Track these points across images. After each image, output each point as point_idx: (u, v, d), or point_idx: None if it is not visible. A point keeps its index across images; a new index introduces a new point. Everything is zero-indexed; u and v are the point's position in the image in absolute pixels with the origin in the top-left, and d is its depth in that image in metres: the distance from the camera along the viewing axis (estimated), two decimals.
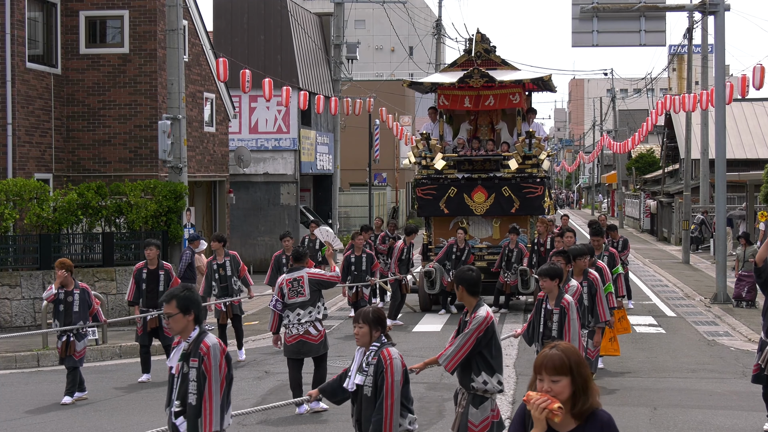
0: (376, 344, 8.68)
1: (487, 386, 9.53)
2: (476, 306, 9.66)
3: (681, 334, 22.33)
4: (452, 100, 26.48)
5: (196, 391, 7.92)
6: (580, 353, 5.59)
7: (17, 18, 24.60)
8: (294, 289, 14.35)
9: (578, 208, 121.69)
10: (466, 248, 24.98)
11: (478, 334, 9.49)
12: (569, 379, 5.45)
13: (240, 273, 19.20)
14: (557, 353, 5.52)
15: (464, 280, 9.62)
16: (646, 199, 61.87)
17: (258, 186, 36.70)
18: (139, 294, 17.42)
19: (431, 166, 26.07)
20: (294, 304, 14.30)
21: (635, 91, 71.41)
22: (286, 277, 14.53)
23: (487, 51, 26.67)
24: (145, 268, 17.50)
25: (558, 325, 11.56)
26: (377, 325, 8.71)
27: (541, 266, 11.76)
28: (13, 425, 14.23)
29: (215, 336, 8.15)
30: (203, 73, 30.34)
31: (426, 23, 67.63)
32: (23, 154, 24.83)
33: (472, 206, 25.97)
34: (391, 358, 8.56)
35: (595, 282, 14.54)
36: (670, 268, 37.13)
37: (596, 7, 26.99)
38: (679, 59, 57.91)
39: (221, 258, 19.09)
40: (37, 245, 23.13)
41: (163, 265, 17.57)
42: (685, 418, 14.14)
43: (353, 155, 54.87)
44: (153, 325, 17.31)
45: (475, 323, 9.50)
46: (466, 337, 9.50)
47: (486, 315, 9.57)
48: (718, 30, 26.89)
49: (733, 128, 48.68)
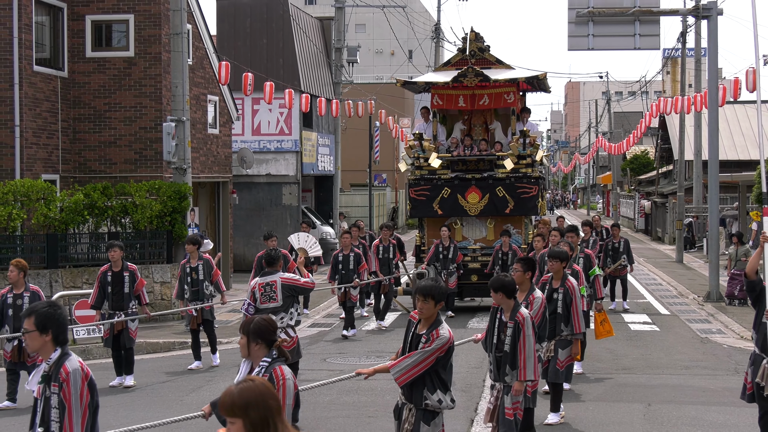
0: (266, 360, 7.69)
1: (442, 404, 9.19)
2: (436, 322, 9.19)
3: (675, 331, 22.58)
4: (446, 100, 26.01)
5: (59, 419, 7.13)
6: (263, 390, 5.11)
7: (24, 22, 24.83)
8: (266, 294, 13.85)
9: (574, 208, 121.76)
10: (451, 246, 24.42)
11: (440, 353, 9.09)
12: (242, 421, 5.03)
13: (213, 278, 18.50)
14: (229, 395, 5.09)
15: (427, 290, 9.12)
16: (641, 199, 62.12)
17: (260, 187, 36.96)
18: (103, 297, 16.94)
19: (425, 166, 25.53)
20: (266, 309, 13.65)
21: (630, 93, 71.85)
22: (259, 281, 14.00)
23: (481, 50, 26.27)
24: (109, 270, 17.01)
25: (511, 340, 10.72)
26: (256, 337, 7.70)
27: (494, 277, 10.97)
28: (21, 421, 13.95)
29: (78, 359, 7.27)
30: (207, 76, 30.60)
31: (425, 27, 67.90)
32: (30, 156, 25.09)
33: (466, 207, 25.45)
34: (284, 379, 7.58)
35: (571, 290, 13.75)
36: (664, 267, 37.46)
37: (592, 11, 27.26)
38: (673, 62, 58.34)
39: (194, 261, 18.43)
40: (44, 245, 23.46)
41: (128, 266, 17.06)
42: (678, 413, 14.26)
43: (354, 156, 55.18)
44: (119, 328, 16.87)
45: (438, 343, 9.04)
46: (426, 354, 9.05)
47: (449, 336, 9.12)
48: (711, 34, 27.18)
49: (725, 130, 48.98)
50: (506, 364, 10.77)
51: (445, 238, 24.38)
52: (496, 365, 10.88)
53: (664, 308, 26.58)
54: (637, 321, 24.02)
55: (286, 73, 36.65)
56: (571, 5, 27.57)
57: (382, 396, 15.18)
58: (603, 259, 25.24)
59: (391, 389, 14.32)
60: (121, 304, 16.88)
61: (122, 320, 16.82)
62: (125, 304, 16.93)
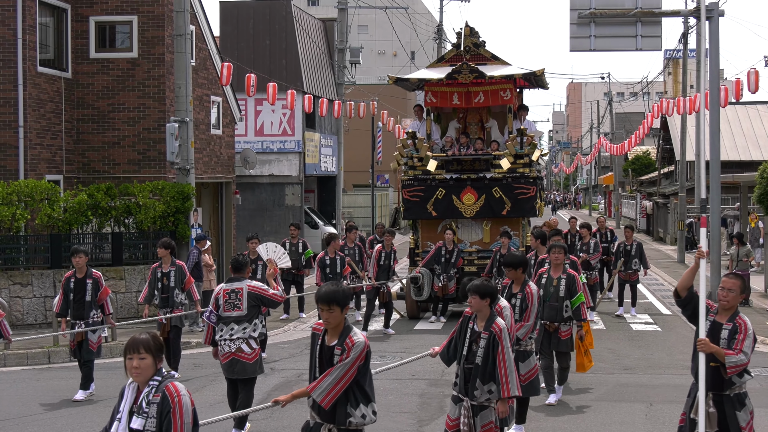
0: (157, 378, 7.03)
1: (366, 419, 8.40)
2: (346, 329, 8.38)
3: (676, 331, 22.65)
4: (440, 97, 24.81)
5: None
6: None
7: (28, 23, 24.95)
8: (230, 302, 12.91)
9: (576, 208, 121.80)
10: (455, 250, 23.68)
11: (360, 362, 8.28)
12: None
13: (185, 285, 17.42)
14: None
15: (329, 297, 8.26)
16: (642, 200, 62.18)
17: (263, 187, 37.06)
18: (66, 305, 16.08)
19: (418, 166, 24.53)
20: (228, 318, 12.89)
21: (632, 94, 72.07)
22: (224, 287, 13.05)
23: (476, 45, 25.13)
24: (73, 276, 16.11)
25: (484, 352, 10.02)
26: (159, 353, 7.10)
27: (473, 281, 10.31)
28: (24, 421, 14.35)
29: None
30: (210, 77, 30.69)
31: (427, 28, 67.98)
32: (34, 156, 25.21)
33: (461, 208, 24.36)
34: (179, 396, 6.97)
35: (528, 297, 12.73)
36: (665, 267, 37.56)
37: (593, 12, 27.29)
38: (674, 63, 58.44)
39: (167, 267, 17.36)
40: (48, 245, 23.54)
41: (92, 273, 16.14)
42: (680, 413, 14.29)
43: (356, 157, 55.32)
44: (79, 338, 15.96)
45: (355, 351, 8.21)
46: (346, 367, 8.22)
47: (364, 340, 8.31)
48: (713, 35, 27.20)
49: (727, 131, 49.03)
50: (476, 378, 10.07)
51: (449, 241, 23.60)
52: (464, 378, 10.17)
53: (665, 308, 26.67)
54: (638, 321, 24.09)
55: (288, 74, 36.76)
56: (572, 6, 27.58)
57: (385, 396, 15.26)
58: (614, 261, 25.28)
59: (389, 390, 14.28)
60: (81, 312, 15.98)
61: (83, 331, 15.88)
62: (86, 313, 16.00)
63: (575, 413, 14.26)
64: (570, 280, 14.60)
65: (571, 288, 14.54)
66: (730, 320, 9.67)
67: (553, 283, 14.65)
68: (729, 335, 9.57)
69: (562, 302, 14.59)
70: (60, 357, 19.63)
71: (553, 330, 14.66)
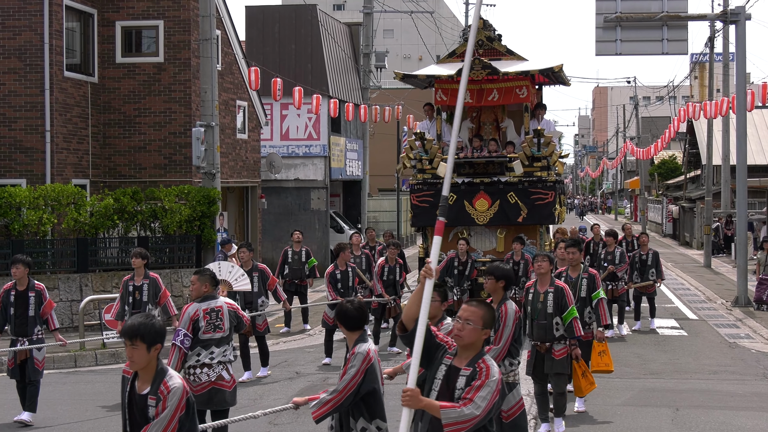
0: None
1: None
2: (161, 373, 6.99)
3: (703, 336, 22.52)
4: (451, 95, 22.58)
5: None
6: None
7: (55, 28, 25.10)
8: (211, 323, 11.39)
9: (602, 213, 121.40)
10: (468, 261, 21.39)
11: (181, 412, 6.98)
12: None
13: (159, 300, 16.03)
14: None
15: (133, 331, 6.89)
16: (669, 204, 61.97)
17: (289, 191, 37.08)
18: (5, 320, 14.59)
19: (427, 169, 22.69)
20: (210, 340, 11.40)
21: (658, 98, 71.68)
22: (202, 306, 11.41)
23: (490, 39, 23.00)
24: (13, 289, 14.56)
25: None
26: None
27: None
28: (51, 423, 14.40)
29: None
30: (236, 81, 30.77)
31: (453, 32, 68.03)
32: (61, 161, 25.34)
33: (473, 215, 22.38)
34: None
35: (502, 316, 10.84)
36: (692, 272, 37.39)
37: (619, 16, 27.27)
38: (700, 67, 58.15)
39: (139, 279, 15.86)
40: (74, 249, 23.62)
41: (35, 285, 14.61)
42: (707, 418, 14.20)
43: (382, 161, 55.29)
44: (22, 357, 14.56)
45: (172, 400, 6.91)
46: (164, 423, 6.94)
47: (182, 384, 6.98)
48: (739, 39, 27.14)
49: (753, 135, 48.87)
50: None
51: (462, 252, 21.28)
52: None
53: (692, 313, 26.49)
54: (665, 326, 23.94)
55: (314, 78, 36.79)
56: (598, 10, 27.58)
57: None
58: (629, 273, 23.01)
59: None
60: (24, 329, 14.50)
61: (26, 348, 14.51)
62: (29, 329, 14.54)
63: (600, 418, 14.20)
64: (558, 294, 12.73)
65: (561, 302, 12.69)
66: (470, 364, 7.14)
67: (540, 299, 12.82)
68: (466, 383, 7.07)
69: (551, 319, 12.76)
70: (86, 361, 19.72)
71: (545, 351, 12.90)
